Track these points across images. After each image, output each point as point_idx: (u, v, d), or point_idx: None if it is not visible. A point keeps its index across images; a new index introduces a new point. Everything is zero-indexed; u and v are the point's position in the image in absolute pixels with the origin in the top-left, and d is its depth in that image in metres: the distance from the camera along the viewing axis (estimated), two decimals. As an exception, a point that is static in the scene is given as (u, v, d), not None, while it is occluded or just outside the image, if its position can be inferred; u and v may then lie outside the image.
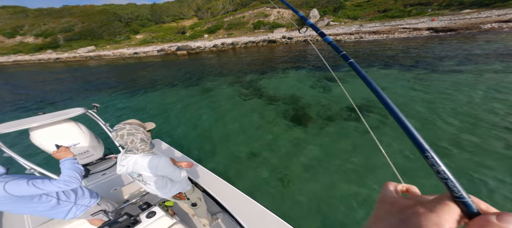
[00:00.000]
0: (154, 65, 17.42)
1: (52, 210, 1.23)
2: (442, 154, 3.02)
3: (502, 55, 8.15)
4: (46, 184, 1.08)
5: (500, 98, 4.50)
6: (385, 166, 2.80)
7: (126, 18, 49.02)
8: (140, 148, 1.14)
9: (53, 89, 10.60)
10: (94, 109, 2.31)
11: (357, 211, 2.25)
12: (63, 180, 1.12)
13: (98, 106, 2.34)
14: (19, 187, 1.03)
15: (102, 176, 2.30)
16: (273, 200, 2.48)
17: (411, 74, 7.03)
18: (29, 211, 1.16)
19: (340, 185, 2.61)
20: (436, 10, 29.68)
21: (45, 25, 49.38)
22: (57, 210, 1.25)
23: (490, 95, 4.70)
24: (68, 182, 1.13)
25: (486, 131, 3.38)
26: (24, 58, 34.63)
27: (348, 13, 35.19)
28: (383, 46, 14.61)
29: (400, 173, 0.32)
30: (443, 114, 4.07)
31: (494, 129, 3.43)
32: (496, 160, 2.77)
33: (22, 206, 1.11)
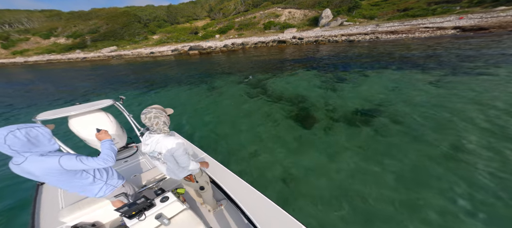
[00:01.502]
0: (167, 64, 18.38)
1: (87, 187, 1.38)
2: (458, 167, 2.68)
3: None
4: (90, 161, 1.25)
5: None
6: (381, 170, 2.74)
7: (145, 19, 52.11)
8: (162, 129, 1.30)
9: (81, 85, 11.78)
10: (121, 101, 2.54)
11: (358, 215, 2.22)
12: (103, 158, 1.29)
13: (124, 98, 2.59)
14: (70, 161, 1.20)
15: (124, 163, 2.47)
16: (273, 196, 2.56)
17: (429, 76, 6.48)
18: (69, 186, 1.31)
19: (341, 187, 2.59)
20: (466, 8, 27.02)
21: (75, 27, 54.51)
22: (91, 187, 1.39)
23: None
24: (106, 160, 1.29)
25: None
26: (56, 57, 38.58)
27: (363, 13, 33.53)
28: (400, 46, 13.74)
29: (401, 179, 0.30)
30: (468, 122, 3.59)
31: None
32: None
33: (66, 179, 1.26)
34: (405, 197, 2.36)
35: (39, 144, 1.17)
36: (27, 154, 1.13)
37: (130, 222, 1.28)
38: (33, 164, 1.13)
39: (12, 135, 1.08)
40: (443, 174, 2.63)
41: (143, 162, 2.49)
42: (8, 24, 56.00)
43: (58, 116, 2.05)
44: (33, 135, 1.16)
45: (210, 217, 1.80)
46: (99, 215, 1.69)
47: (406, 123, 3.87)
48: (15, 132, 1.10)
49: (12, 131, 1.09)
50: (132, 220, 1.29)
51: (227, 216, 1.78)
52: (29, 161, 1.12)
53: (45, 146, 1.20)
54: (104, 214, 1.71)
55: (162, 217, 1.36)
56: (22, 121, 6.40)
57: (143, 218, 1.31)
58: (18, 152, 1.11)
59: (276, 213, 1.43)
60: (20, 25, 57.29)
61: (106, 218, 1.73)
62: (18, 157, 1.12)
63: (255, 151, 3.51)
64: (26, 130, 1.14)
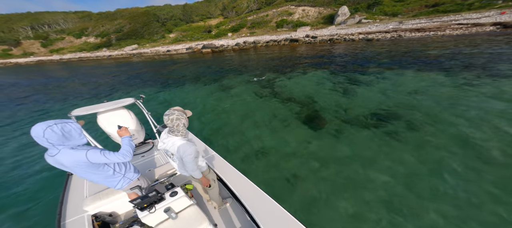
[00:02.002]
0: (182, 62, 19.26)
1: (108, 179, 1.52)
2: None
3: None
4: (111, 155, 1.39)
5: None
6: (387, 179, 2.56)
7: (163, 18, 54.98)
8: (181, 131, 1.39)
9: (106, 82, 13.11)
10: (141, 99, 2.74)
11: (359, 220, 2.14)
12: (122, 153, 1.42)
13: (144, 97, 2.80)
14: (95, 155, 1.33)
15: (141, 157, 2.62)
16: (277, 195, 2.52)
17: (458, 79, 5.67)
18: (93, 177, 1.45)
19: (344, 195, 2.45)
20: (510, 2, 23.80)
21: (103, 27, 59.70)
22: (111, 179, 1.54)
23: None
24: (125, 155, 1.43)
25: None
26: (86, 55, 42.88)
27: (385, 10, 31.29)
28: (427, 44, 12.31)
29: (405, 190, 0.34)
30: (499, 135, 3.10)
31: None
32: None
33: (91, 171, 1.39)
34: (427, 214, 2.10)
35: (71, 138, 1.30)
36: (61, 147, 1.25)
37: (141, 214, 1.36)
38: (65, 156, 1.26)
39: (50, 130, 1.20)
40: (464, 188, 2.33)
41: (157, 157, 2.63)
42: (48, 24, 63.33)
43: (89, 112, 2.27)
44: (67, 130, 1.28)
45: (215, 213, 1.86)
46: (116, 206, 1.83)
47: (426, 132, 3.42)
48: (52, 127, 1.22)
49: (50, 126, 1.21)
50: (143, 212, 1.36)
51: (231, 214, 1.82)
52: (62, 153, 1.25)
53: (76, 140, 1.33)
54: (120, 206, 1.85)
55: (170, 211, 1.43)
56: (58, 113, 7.40)
57: (153, 211, 1.38)
58: (53, 145, 1.23)
59: (279, 214, 1.45)
60: (57, 25, 64.44)
61: (121, 209, 1.88)
62: (53, 149, 1.25)
63: (262, 150, 3.52)
64: (61, 125, 1.26)
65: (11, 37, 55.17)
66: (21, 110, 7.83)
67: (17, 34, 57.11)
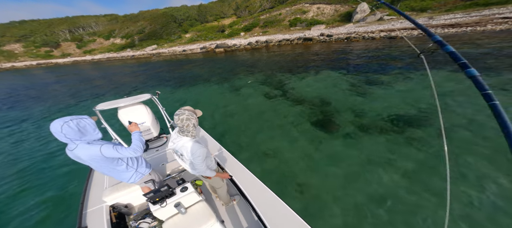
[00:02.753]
0: (196, 61, 20.15)
1: (122, 173, 1.59)
2: None
3: None
4: (123, 150, 1.46)
5: None
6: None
7: (180, 19, 57.68)
8: (191, 132, 1.39)
9: (128, 80, 14.36)
10: (156, 95, 2.84)
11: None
12: (133, 148, 1.49)
13: (159, 93, 2.90)
14: (108, 150, 1.41)
15: (155, 152, 2.73)
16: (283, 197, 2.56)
17: (497, 79, 5.17)
18: (108, 170, 1.52)
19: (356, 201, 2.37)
20: None
21: (127, 28, 64.83)
22: (125, 174, 1.60)
23: None
24: (135, 149, 1.49)
25: None
26: (113, 55, 47.06)
27: (412, 5, 28.44)
28: (463, 41, 10.87)
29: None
30: None
31: None
32: None
33: (106, 165, 1.47)
34: None
35: (86, 133, 1.38)
36: (78, 142, 1.33)
37: (153, 208, 1.41)
38: (82, 150, 1.33)
39: (67, 125, 1.28)
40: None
41: (170, 152, 2.70)
42: (82, 28, 70.84)
43: (111, 107, 2.44)
44: (82, 125, 1.36)
45: (222, 210, 1.90)
46: (131, 198, 1.93)
47: (459, 138, 3.12)
48: (68, 122, 1.29)
49: (66, 122, 1.28)
50: (155, 206, 1.42)
51: (238, 212, 1.85)
52: (79, 148, 1.33)
53: (91, 135, 1.40)
54: (135, 198, 1.95)
55: (180, 206, 1.48)
56: (87, 108, 8.30)
57: (164, 205, 1.43)
58: (71, 140, 1.31)
59: (286, 214, 1.47)
60: (89, 28, 71.73)
61: (136, 201, 1.98)
62: (71, 144, 1.33)
63: (270, 151, 3.52)
64: (77, 121, 1.33)
65: (53, 39, 63.11)
66: (59, 104, 9.00)
67: (57, 37, 65.07)
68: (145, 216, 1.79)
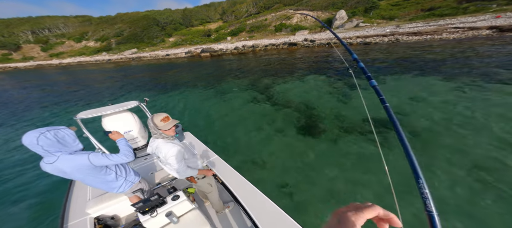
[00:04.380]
0: (180, 66, 19.21)
1: (110, 183, 1.51)
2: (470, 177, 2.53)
3: None
4: (113, 156, 1.41)
5: None
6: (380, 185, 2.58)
7: (163, 22, 55.51)
8: (157, 134, 1.36)
9: (107, 85, 13.11)
10: (144, 102, 2.73)
11: None
12: (123, 153, 1.44)
13: (148, 100, 2.76)
14: (97, 157, 1.34)
15: (144, 160, 2.62)
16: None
17: (454, 84, 5.72)
18: (94, 182, 1.43)
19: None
20: (504, 6, 24.26)
21: (103, 31, 60.14)
22: (114, 183, 1.53)
23: None
24: (126, 155, 1.43)
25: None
26: (85, 59, 42.98)
27: (382, 13, 31.76)
28: (424, 49, 12.37)
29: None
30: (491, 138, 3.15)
31: None
32: None
33: (92, 175, 1.38)
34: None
35: (66, 144, 1.29)
36: (58, 153, 1.23)
37: (143, 218, 1.35)
38: (65, 162, 1.24)
39: (43, 137, 1.18)
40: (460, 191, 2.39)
41: (158, 161, 2.61)
42: (48, 29, 63.73)
43: (95, 115, 2.28)
44: (61, 136, 1.26)
45: (216, 218, 1.84)
46: (118, 209, 1.84)
47: (424, 138, 3.43)
48: (45, 133, 1.19)
49: (42, 133, 1.18)
50: (145, 216, 1.36)
51: (233, 219, 1.80)
52: (62, 159, 1.23)
53: (71, 146, 1.31)
54: (122, 209, 1.86)
55: (172, 215, 1.43)
56: (61, 119, 7.41)
57: (155, 215, 1.37)
58: (50, 152, 1.21)
59: (282, 218, 1.43)
60: (57, 30, 64.84)
61: (123, 212, 1.89)
62: (50, 157, 1.22)
63: (257, 156, 3.49)
64: (54, 132, 1.24)
65: (11, 41, 55.35)
66: (22, 115, 7.84)
67: (18, 39, 57.31)
68: (134, 227, 1.71)
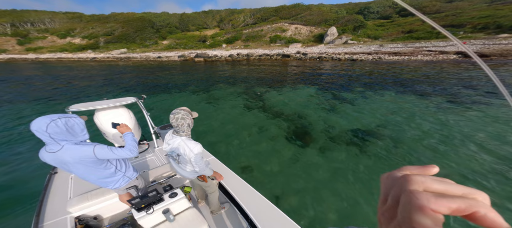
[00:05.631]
0: (172, 68, 18.88)
1: (108, 178, 1.43)
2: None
3: None
4: (118, 150, 1.33)
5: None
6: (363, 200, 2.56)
7: (158, 25, 55.04)
8: (185, 131, 1.37)
9: (80, 83, 12.06)
10: (142, 99, 2.65)
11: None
12: (129, 148, 1.37)
13: (145, 97, 2.66)
14: (102, 150, 1.27)
15: (135, 158, 2.56)
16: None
17: (428, 102, 6.41)
18: (93, 175, 1.36)
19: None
20: (469, 33, 27.53)
21: (93, 29, 57.92)
22: (111, 178, 1.45)
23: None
24: (132, 150, 1.37)
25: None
26: (66, 56, 40.50)
27: (368, 33, 34.50)
28: (403, 68, 13.74)
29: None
30: (452, 153, 3.58)
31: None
32: None
33: (93, 168, 1.32)
34: None
35: (74, 133, 1.25)
36: (63, 142, 1.19)
37: (138, 214, 1.30)
38: (68, 152, 1.19)
39: (54, 124, 1.14)
40: None
41: (153, 159, 2.58)
42: (31, 23, 60.02)
43: (88, 109, 2.17)
44: (70, 125, 1.22)
45: (211, 219, 1.81)
46: (102, 209, 1.73)
47: (402, 150, 3.82)
48: (56, 121, 1.15)
49: (53, 120, 1.14)
50: (140, 213, 1.31)
51: (228, 219, 1.79)
52: (65, 149, 1.19)
53: (78, 136, 1.28)
54: (107, 208, 1.76)
55: (169, 213, 1.40)
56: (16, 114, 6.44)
57: (151, 212, 1.34)
58: (56, 140, 1.16)
59: (279, 218, 1.43)
60: (41, 24, 61.32)
61: (108, 212, 1.78)
62: (54, 145, 1.17)
63: (248, 164, 3.52)
64: (65, 120, 1.20)
65: (-16, 31, 51.00)
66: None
67: (-8, 30, 53.06)
68: (121, 227, 1.62)
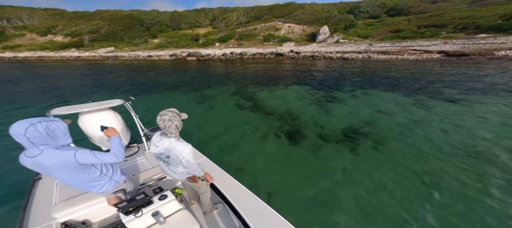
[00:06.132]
0: (163, 68, 18.35)
1: (93, 182, 1.38)
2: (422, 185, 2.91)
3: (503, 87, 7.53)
4: (102, 155, 1.27)
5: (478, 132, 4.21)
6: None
7: (148, 23, 53.04)
8: (173, 133, 1.34)
9: (70, 84, 11.38)
10: (130, 101, 2.57)
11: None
12: (114, 153, 1.32)
13: (133, 99, 2.60)
14: (85, 155, 1.22)
15: (124, 162, 2.50)
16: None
17: (412, 100, 6.74)
18: (75, 180, 1.31)
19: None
20: (451, 33, 29.03)
21: (76, 26, 54.71)
22: (97, 182, 1.40)
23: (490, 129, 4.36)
24: (117, 155, 1.32)
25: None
26: (48, 54, 37.95)
27: (358, 32, 35.38)
28: (390, 67, 14.32)
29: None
30: (436, 146, 3.81)
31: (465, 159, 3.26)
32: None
33: (76, 173, 1.27)
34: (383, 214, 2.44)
35: (55, 137, 1.20)
36: (43, 147, 1.15)
37: (126, 218, 1.28)
38: (48, 157, 1.15)
39: (33, 128, 1.10)
40: (413, 189, 2.84)
41: (142, 162, 2.55)
42: (7, 19, 55.64)
43: (71, 112, 2.09)
44: (52, 129, 1.18)
45: (203, 220, 1.80)
46: (90, 213, 1.69)
47: (389, 146, 3.94)
48: (36, 125, 1.11)
49: (33, 124, 1.10)
50: (128, 217, 1.29)
51: (220, 220, 1.77)
52: (45, 154, 1.14)
53: (60, 140, 1.23)
54: (96, 212, 1.72)
55: (158, 215, 1.38)
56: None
57: (140, 215, 1.32)
58: (35, 144, 1.12)
59: (272, 217, 1.43)
60: (19, 21, 57.03)
61: (97, 217, 1.74)
62: (34, 150, 1.13)
63: (241, 163, 3.50)
64: (46, 124, 1.16)
65: (-48, 28, 46.62)
66: None
67: (-39, 26, 48.65)
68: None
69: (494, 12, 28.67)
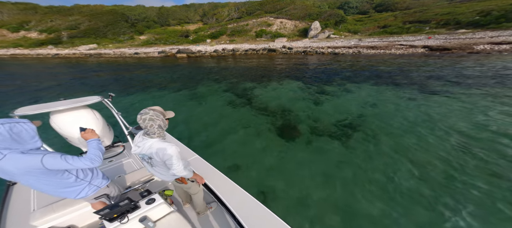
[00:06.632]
0: (152, 66, 17.52)
1: (68, 188, 1.27)
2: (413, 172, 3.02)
3: (480, 79, 8.05)
4: (75, 160, 1.16)
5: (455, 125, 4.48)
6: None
7: (133, 19, 50.17)
8: (156, 133, 1.25)
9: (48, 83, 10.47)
10: (109, 98, 2.40)
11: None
12: (90, 158, 1.21)
13: (113, 95, 2.43)
14: (54, 160, 1.11)
15: (109, 162, 2.36)
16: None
17: (400, 92, 7.03)
18: (48, 186, 1.20)
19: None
20: (434, 28, 30.43)
21: (52, 22, 50.45)
22: (72, 188, 1.29)
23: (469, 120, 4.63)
24: (93, 160, 1.21)
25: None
26: (22, 52, 34.85)
27: (348, 27, 36.02)
28: (379, 61, 14.82)
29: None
30: (424, 137, 3.97)
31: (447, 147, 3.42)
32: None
33: (46, 179, 1.16)
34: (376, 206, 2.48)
35: (21, 141, 1.12)
36: (6, 151, 1.05)
37: (110, 225, 1.22)
38: (11, 162, 1.05)
39: None
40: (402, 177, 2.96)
41: (129, 162, 2.41)
42: (-30, 13, 50.08)
43: (39, 112, 1.90)
44: (16, 131, 1.10)
45: (197, 220, 1.74)
46: (75, 218, 1.57)
47: (378, 137, 4.06)
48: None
49: None
50: (113, 223, 1.22)
51: (214, 220, 1.73)
52: (8, 158, 1.05)
53: (27, 144, 1.14)
54: (81, 217, 1.60)
55: (147, 220, 1.31)
56: None
57: (126, 221, 1.25)
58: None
59: (266, 216, 1.41)
60: (-16, 15, 51.54)
61: (82, 222, 1.63)
62: None
63: (234, 161, 3.47)
64: (9, 126, 1.08)
65: None
66: None
67: None
68: None
69: (472, 8, 30.38)
